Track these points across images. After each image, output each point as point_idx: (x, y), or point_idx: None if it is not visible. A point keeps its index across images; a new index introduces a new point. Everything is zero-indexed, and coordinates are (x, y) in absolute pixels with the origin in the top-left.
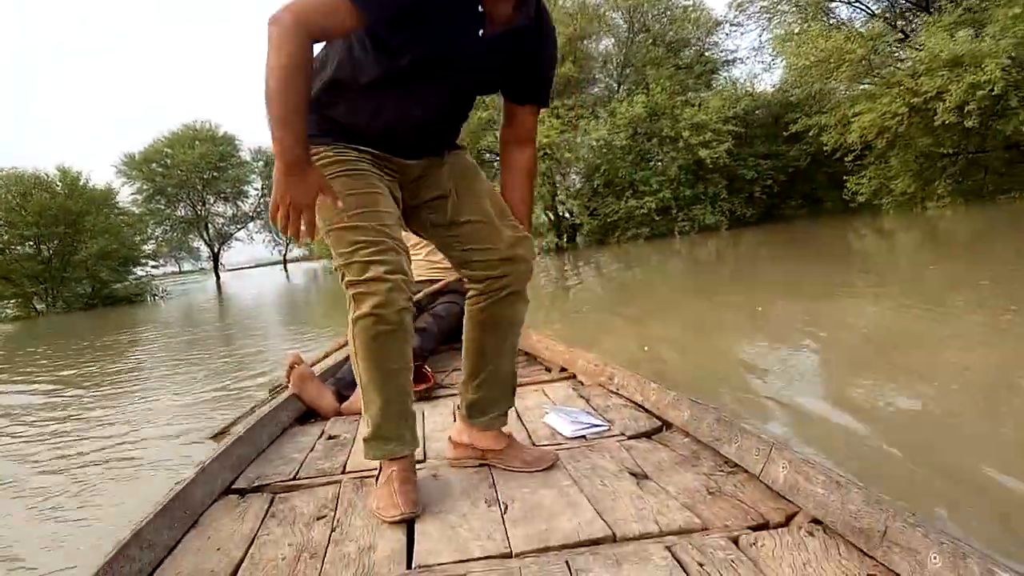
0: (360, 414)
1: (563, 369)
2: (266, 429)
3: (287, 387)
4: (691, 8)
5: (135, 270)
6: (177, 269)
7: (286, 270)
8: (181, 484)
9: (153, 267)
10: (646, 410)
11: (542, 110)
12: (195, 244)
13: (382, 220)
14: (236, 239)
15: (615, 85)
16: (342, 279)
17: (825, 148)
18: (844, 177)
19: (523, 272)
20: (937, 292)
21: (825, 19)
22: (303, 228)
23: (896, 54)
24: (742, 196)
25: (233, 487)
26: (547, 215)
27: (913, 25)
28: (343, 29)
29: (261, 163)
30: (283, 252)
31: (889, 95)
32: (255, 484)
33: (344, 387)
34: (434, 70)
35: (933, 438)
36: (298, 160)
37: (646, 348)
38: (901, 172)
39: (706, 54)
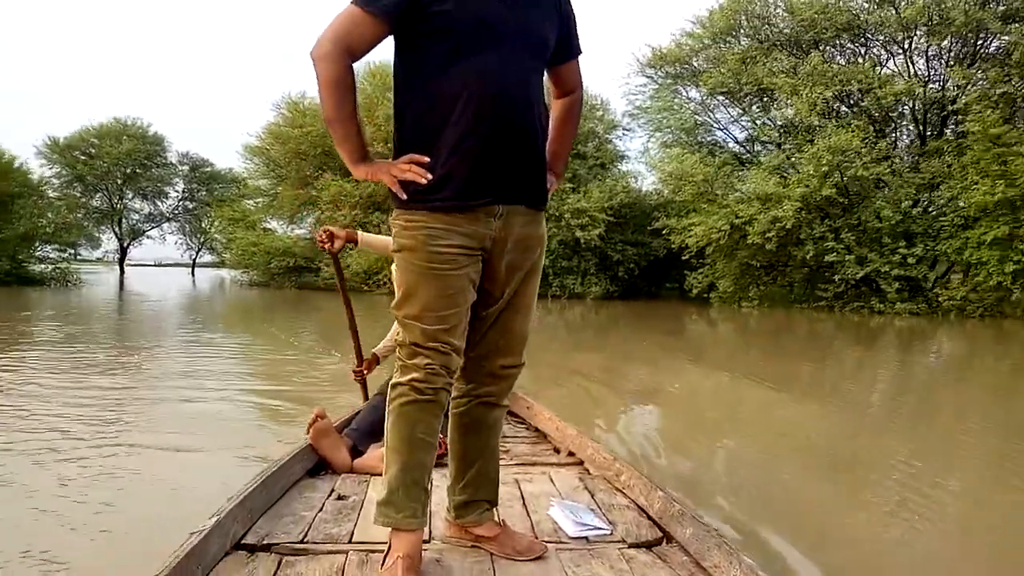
0: (371, 474)
1: (571, 453)
2: (279, 481)
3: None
4: (598, 107)
5: (51, 253)
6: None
7: (193, 274)
8: (198, 536)
9: (67, 253)
10: (649, 517)
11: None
12: (100, 235)
13: (448, 325)
14: (148, 236)
15: None
16: (398, 334)
17: (673, 247)
18: (686, 272)
19: (508, 389)
20: (741, 368)
21: (694, 142)
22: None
23: (731, 182)
24: (609, 273)
25: (243, 542)
26: None
27: (759, 157)
28: (371, 35)
29: (186, 168)
30: (193, 256)
31: (718, 214)
32: (264, 542)
33: (358, 439)
34: (479, 38)
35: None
36: (359, 168)
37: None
38: (725, 275)
39: (603, 147)
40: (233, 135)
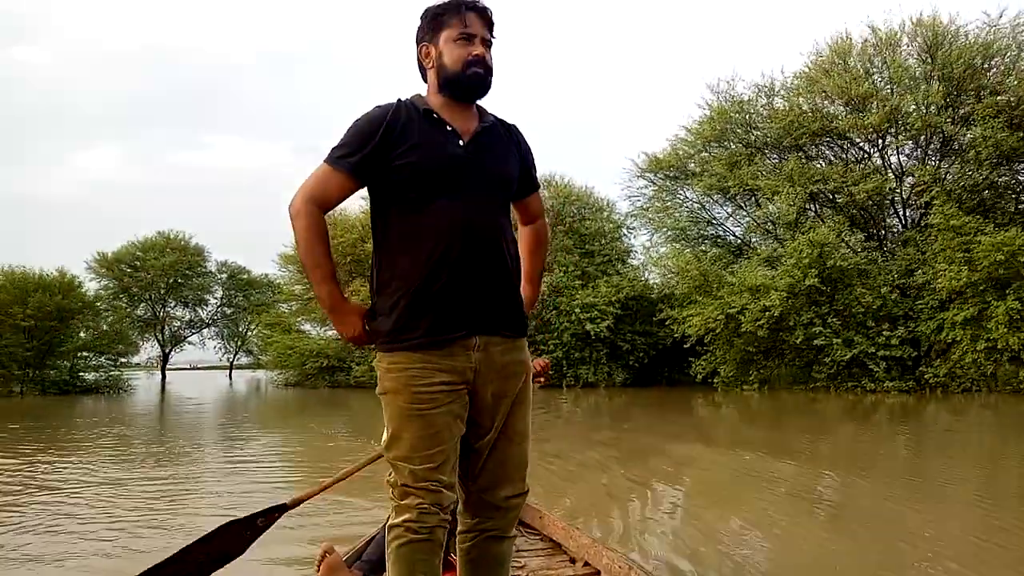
0: None
1: (587, 563)
2: None
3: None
4: (604, 208)
5: (103, 363)
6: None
7: (231, 376)
8: None
9: (118, 362)
10: None
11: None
12: (143, 343)
13: (436, 463)
14: (189, 342)
15: None
16: (390, 474)
17: (676, 336)
18: (690, 359)
19: (514, 519)
20: (743, 448)
21: (696, 236)
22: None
23: (723, 275)
24: (620, 363)
25: None
26: None
27: (757, 249)
28: (339, 189)
29: (224, 275)
30: (230, 359)
31: (713, 304)
32: None
33: (370, 572)
34: (443, 183)
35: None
36: (334, 307)
37: None
38: (726, 361)
39: (610, 245)
40: (269, 243)
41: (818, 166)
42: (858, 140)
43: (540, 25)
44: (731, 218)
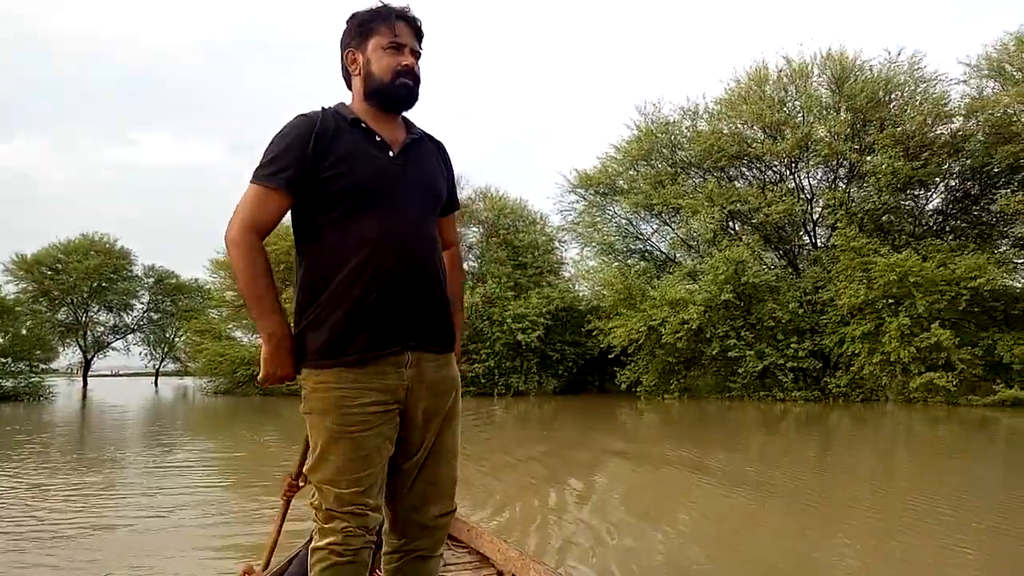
0: None
1: None
2: None
3: None
4: (538, 221)
5: (24, 368)
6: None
7: (156, 383)
8: None
9: (38, 368)
10: None
11: None
12: (63, 348)
13: (364, 487)
14: (113, 348)
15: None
16: (314, 496)
17: (602, 346)
18: (615, 368)
19: (443, 538)
20: (664, 456)
21: (625, 250)
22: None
23: (646, 288)
24: (550, 372)
25: None
26: None
27: (682, 264)
28: (277, 209)
29: (152, 280)
30: (156, 366)
31: (636, 316)
32: None
33: None
34: (374, 195)
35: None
36: (280, 344)
37: None
38: (648, 371)
39: (542, 257)
40: (200, 247)
41: (737, 187)
42: (774, 163)
43: (477, 40)
44: (656, 233)
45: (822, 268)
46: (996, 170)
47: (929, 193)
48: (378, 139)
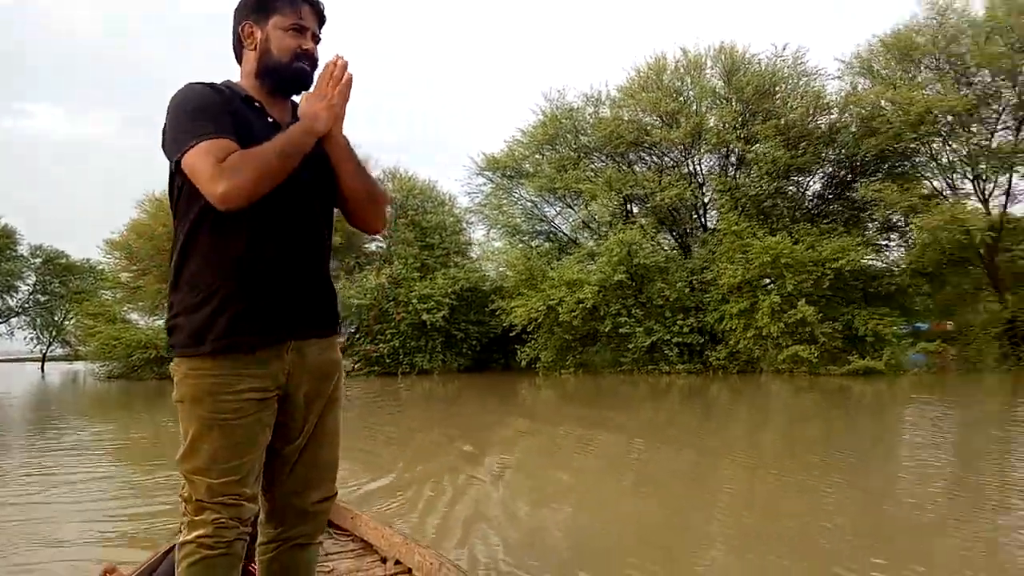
0: None
1: (398, 562)
2: None
3: None
4: (446, 202)
5: None
6: None
7: (43, 368)
8: None
9: None
10: None
11: None
12: None
13: (239, 476)
14: None
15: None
16: (184, 488)
17: (505, 325)
18: (516, 346)
19: (323, 524)
20: (559, 425)
21: (530, 231)
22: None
23: (546, 270)
24: (454, 350)
25: None
26: None
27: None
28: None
29: (39, 260)
30: (43, 350)
31: (536, 296)
32: None
33: None
34: None
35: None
36: (310, 125)
37: None
38: (547, 348)
39: (450, 238)
40: (94, 226)
41: (636, 171)
42: (670, 151)
43: (386, 25)
44: (559, 216)
45: (708, 250)
46: (865, 160)
47: (809, 179)
48: (270, 120)
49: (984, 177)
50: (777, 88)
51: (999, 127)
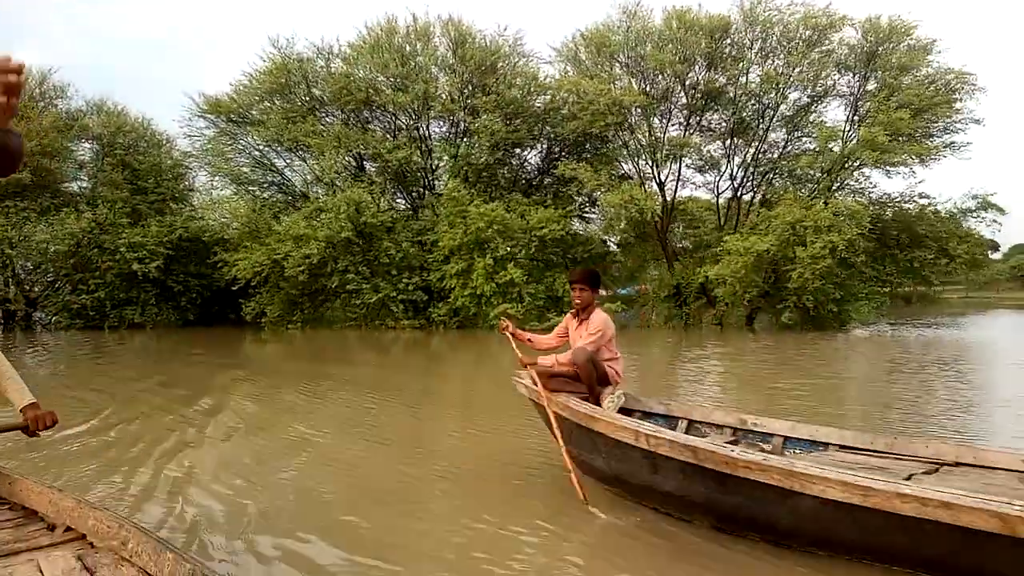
0: None
1: (69, 528)
2: None
3: None
4: (163, 143)
5: None
6: None
7: None
8: None
9: None
10: None
11: None
12: None
13: None
14: None
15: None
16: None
17: (227, 278)
18: (240, 300)
19: None
20: (282, 379)
21: (262, 181)
22: None
23: (272, 223)
24: (171, 303)
25: None
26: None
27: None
28: None
29: None
30: None
31: (261, 250)
32: None
33: None
34: None
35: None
36: None
37: None
38: (273, 303)
39: (169, 182)
40: None
41: (370, 130)
42: (401, 113)
43: None
44: (288, 168)
45: (432, 212)
46: (569, 140)
47: (528, 153)
48: None
49: (659, 163)
50: (499, 64)
51: (672, 122)
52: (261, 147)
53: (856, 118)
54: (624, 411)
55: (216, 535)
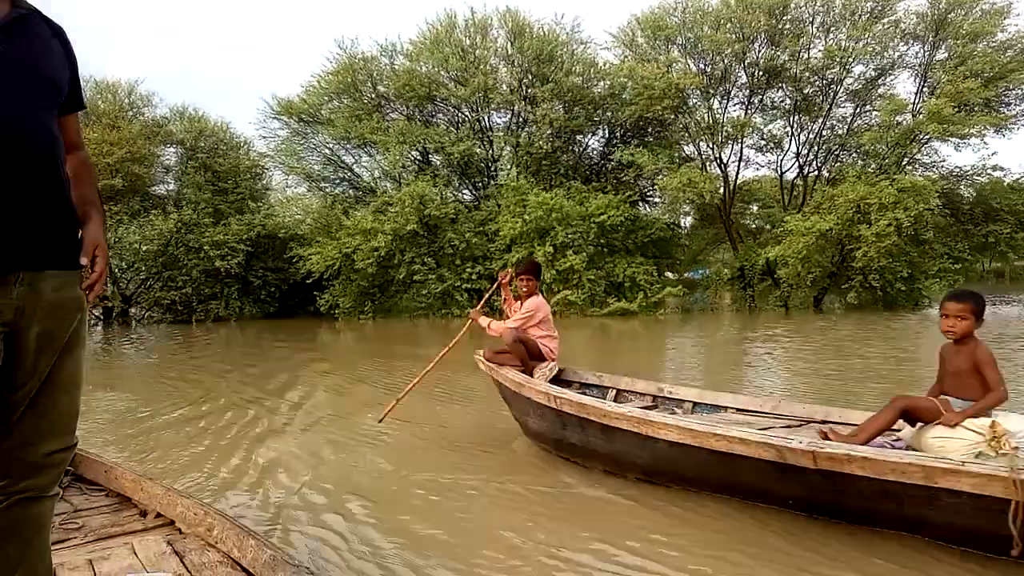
0: None
1: (159, 515)
2: None
3: None
4: (241, 145)
5: None
6: None
7: None
8: None
9: None
10: (243, 568)
11: None
12: None
13: None
14: None
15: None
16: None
17: (302, 272)
18: (315, 293)
19: (59, 476)
20: (357, 368)
21: (332, 178)
22: None
23: (342, 219)
24: (252, 297)
25: None
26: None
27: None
28: None
29: None
30: None
31: (332, 244)
32: None
33: None
34: None
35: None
36: None
37: None
38: (346, 294)
39: (247, 182)
40: None
41: (437, 123)
42: (462, 107)
43: None
44: (357, 164)
45: (494, 202)
46: (629, 125)
47: (588, 140)
48: None
49: (720, 145)
50: (557, 53)
51: (732, 102)
52: (331, 145)
53: (925, 89)
54: (563, 382)
55: (296, 523)
